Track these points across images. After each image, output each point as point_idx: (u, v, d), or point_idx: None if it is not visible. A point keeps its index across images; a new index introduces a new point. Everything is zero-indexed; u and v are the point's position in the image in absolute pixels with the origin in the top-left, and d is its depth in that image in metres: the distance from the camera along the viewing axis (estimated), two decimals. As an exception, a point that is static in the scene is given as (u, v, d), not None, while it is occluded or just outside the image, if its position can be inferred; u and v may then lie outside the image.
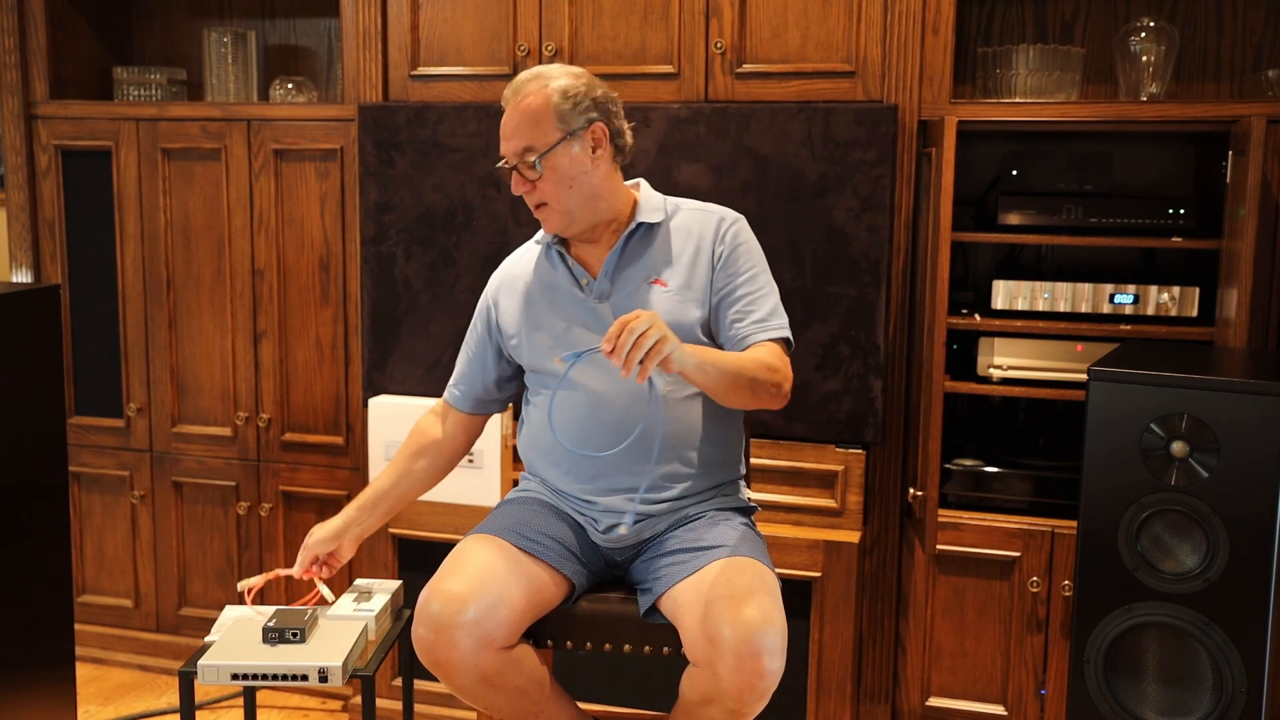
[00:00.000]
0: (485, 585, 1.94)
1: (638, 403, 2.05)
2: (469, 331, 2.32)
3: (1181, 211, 2.66)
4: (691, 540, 2.05)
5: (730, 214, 2.19)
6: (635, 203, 2.17)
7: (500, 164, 2.11)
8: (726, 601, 1.86)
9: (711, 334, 2.14)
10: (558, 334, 2.16)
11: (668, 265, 2.13)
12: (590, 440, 2.09)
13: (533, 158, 2.05)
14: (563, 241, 2.19)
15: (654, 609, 2.02)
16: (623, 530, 2.09)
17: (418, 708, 2.96)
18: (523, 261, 2.27)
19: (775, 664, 1.83)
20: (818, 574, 2.67)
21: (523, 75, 2.10)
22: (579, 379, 2.10)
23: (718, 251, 2.13)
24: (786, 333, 2.12)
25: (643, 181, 2.23)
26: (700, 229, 2.15)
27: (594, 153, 2.08)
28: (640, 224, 2.14)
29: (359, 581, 2.44)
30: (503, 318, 2.24)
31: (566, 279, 2.18)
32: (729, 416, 2.18)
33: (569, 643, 2.08)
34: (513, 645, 1.97)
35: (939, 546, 2.72)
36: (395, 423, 2.92)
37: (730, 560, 1.97)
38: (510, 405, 2.40)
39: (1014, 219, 2.75)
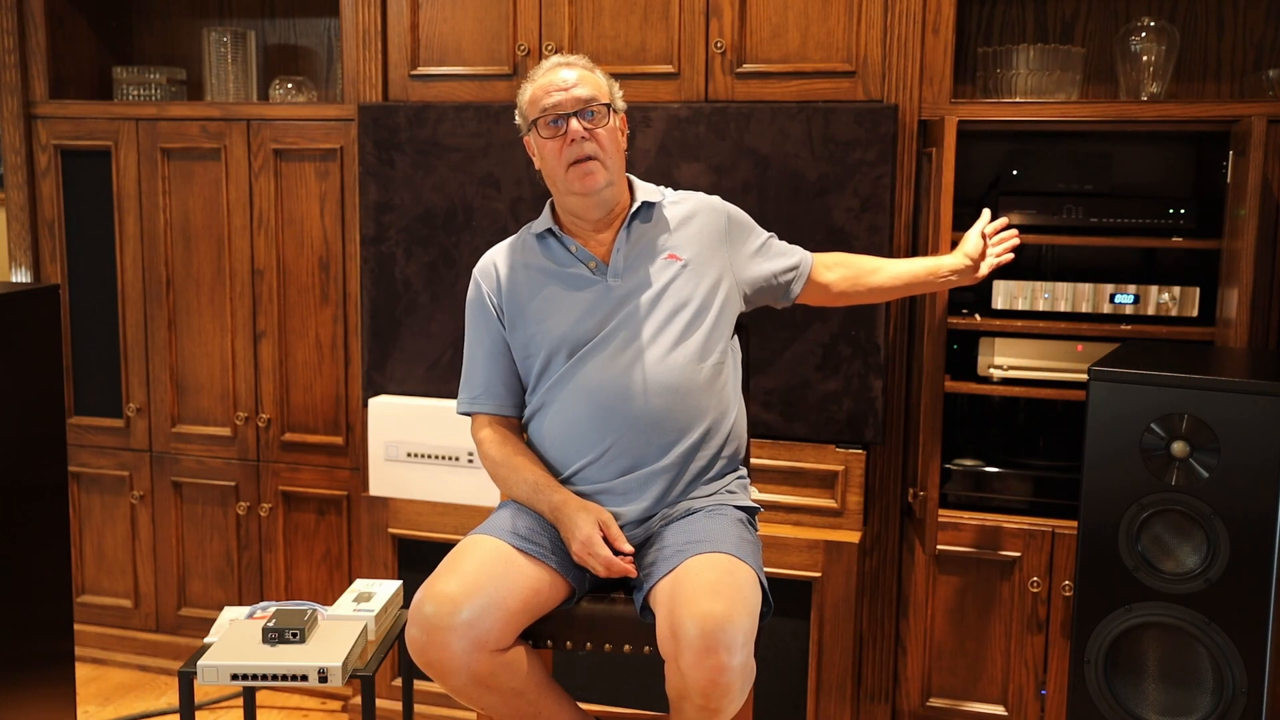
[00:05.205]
0: (479, 587, 1.94)
1: (656, 394, 2.11)
2: (473, 339, 2.28)
3: (1181, 211, 2.66)
4: (683, 537, 2.05)
5: (712, 196, 2.33)
6: (630, 190, 2.27)
7: (545, 115, 2.14)
8: (692, 595, 1.87)
9: (734, 294, 2.25)
10: (571, 320, 2.16)
11: (676, 242, 2.23)
12: (605, 429, 2.12)
13: (598, 105, 2.14)
14: (559, 227, 2.23)
15: (646, 606, 2.03)
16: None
17: (418, 708, 2.96)
18: (511, 252, 2.27)
19: (735, 659, 1.82)
20: (818, 574, 2.67)
21: (559, 56, 2.22)
22: (589, 373, 2.14)
23: (724, 227, 2.27)
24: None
25: (629, 175, 2.32)
26: (694, 208, 2.29)
27: (621, 136, 2.22)
28: (643, 203, 2.23)
29: (359, 581, 2.44)
30: (509, 306, 2.23)
31: (571, 264, 2.20)
32: (736, 397, 2.24)
33: (569, 643, 2.08)
34: (507, 647, 1.97)
35: (939, 546, 2.72)
36: (395, 423, 2.92)
37: (708, 556, 1.97)
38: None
39: (1014, 219, 2.74)
